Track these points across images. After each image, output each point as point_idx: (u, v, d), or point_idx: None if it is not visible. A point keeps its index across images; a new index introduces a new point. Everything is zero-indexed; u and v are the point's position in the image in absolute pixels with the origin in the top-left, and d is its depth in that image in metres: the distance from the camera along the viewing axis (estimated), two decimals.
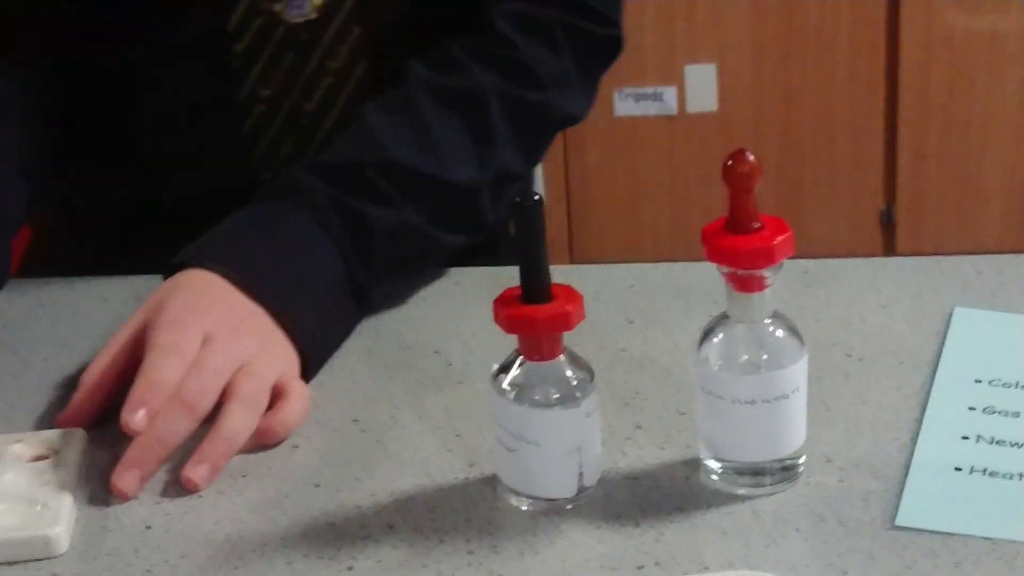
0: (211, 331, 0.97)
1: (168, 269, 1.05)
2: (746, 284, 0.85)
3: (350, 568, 0.84)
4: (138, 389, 0.93)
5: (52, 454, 0.93)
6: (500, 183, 1.16)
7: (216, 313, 0.99)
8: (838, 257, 1.15)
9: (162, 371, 0.94)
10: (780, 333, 0.87)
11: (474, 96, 1.16)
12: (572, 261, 3.22)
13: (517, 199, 0.83)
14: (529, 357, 0.86)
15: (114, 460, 0.93)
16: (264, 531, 0.88)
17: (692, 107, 3.12)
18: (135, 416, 0.92)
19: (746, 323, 0.86)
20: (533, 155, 1.21)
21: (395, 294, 1.13)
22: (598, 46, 1.24)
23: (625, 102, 3.12)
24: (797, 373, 0.86)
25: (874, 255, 3.17)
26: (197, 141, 1.25)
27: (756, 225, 0.85)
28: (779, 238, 0.84)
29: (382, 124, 1.12)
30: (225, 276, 1.02)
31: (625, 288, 1.13)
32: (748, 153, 0.84)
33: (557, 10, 1.20)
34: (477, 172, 1.15)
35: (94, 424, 0.98)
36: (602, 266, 1.17)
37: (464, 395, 1.01)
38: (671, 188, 3.17)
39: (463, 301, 1.14)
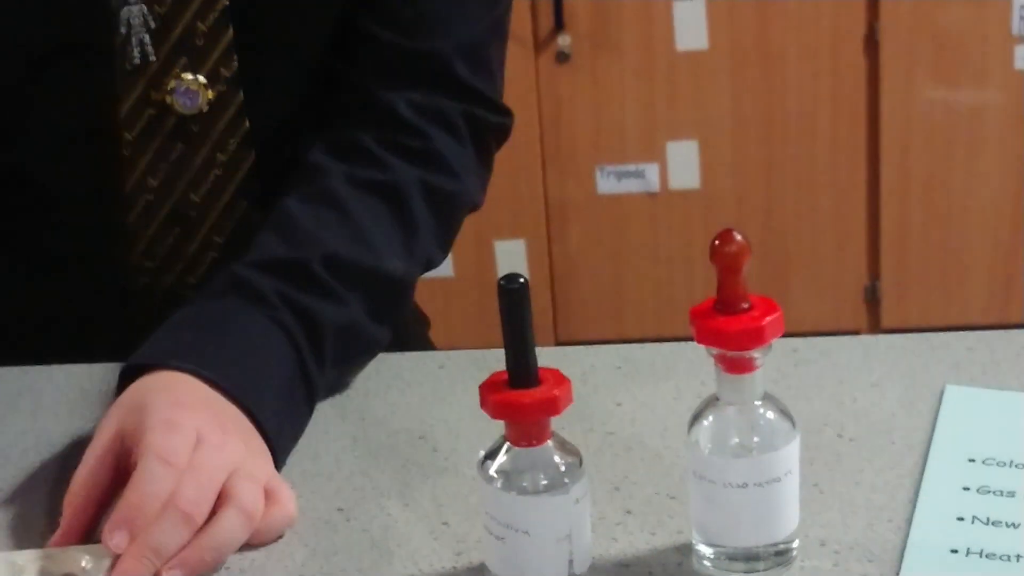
0: (203, 432, 0.94)
1: (124, 372, 1.02)
2: (736, 366, 0.84)
3: None
4: (128, 500, 0.90)
5: (81, 572, 0.89)
6: (423, 272, 1.19)
7: (205, 414, 0.97)
8: (823, 333, 1.15)
9: (154, 482, 0.90)
10: (771, 415, 0.86)
11: (397, 189, 1.16)
12: (556, 341, 3.22)
13: (502, 282, 0.82)
14: (516, 443, 0.85)
15: None
16: None
17: (675, 184, 3.12)
18: (114, 537, 0.88)
19: (737, 405, 0.85)
20: (449, 242, 1.24)
21: (379, 379, 1.13)
22: (494, 134, 1.26)
23: (607, 179, 3.13)
24: (789, 455, 0.85)
25: (859, 331, 3.17)
26: (79, 232, 1.24)
27: (745, 306, 0.84)
28: (768, 318, 0.83)
29: (313, 220, 1.12)
30: (196, 375, 1.00)
31: (612, 370, 1.12)
32: (736, 233, 0.83)
33: (456, 100, 1.21)
34: (408, 263, 1.16)
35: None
36: (589, 347, 1.16)
37: (451, 482, 0.99)
38: (654, 265, 3.18)
39: (448, 384, 1.13)
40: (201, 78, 1.17)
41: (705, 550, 0.88)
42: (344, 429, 1.07)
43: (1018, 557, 0.87)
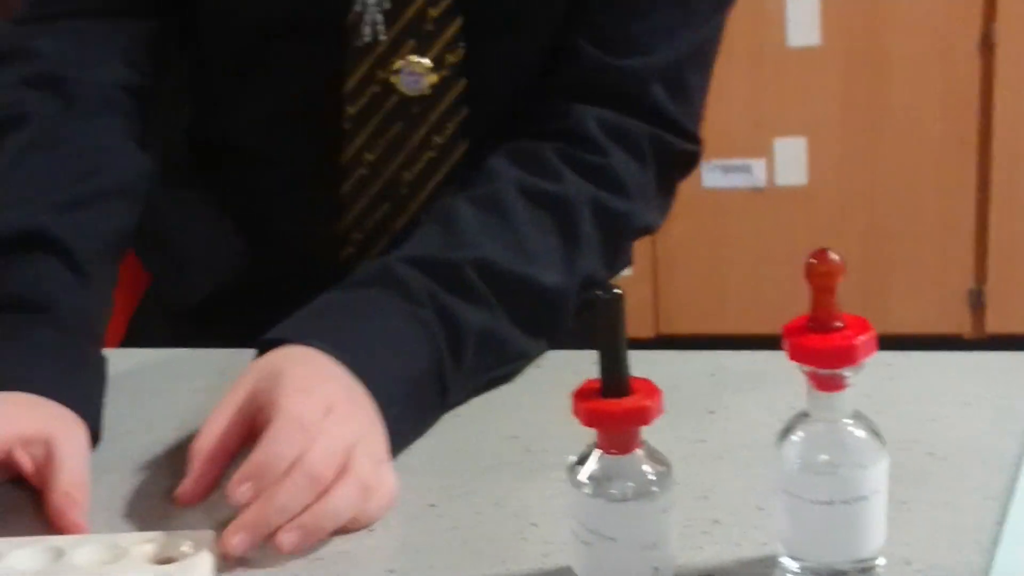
0: (334, 402, 0.97)
1: (262, 344, 1.05)
2: (827, 384, 0.85)
3: None
4: (257, 457, 0.93)
5: (181, 557, 0.91)
6: (584, 289, 1.17)
7: (335, 385, 1.00)
8: (925, 336, 1.14)
9: (285, 443, 0.93)
10: (860, 433, 0.86)
11: (567, 202, 1.17)
12: (656, 333, 3.22)
13: (598, 292, 0.83)
14: (606, 450, 0.86)
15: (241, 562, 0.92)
16: None
17: (781, 180, 3.11)
18: (240, 488, 0.91)
19: (826, 422, 0.86)
20: (615, 263, 1.24)
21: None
22: (679, 161, 1.26)
23: (713, 173, 3.13)
24: (877, 475, 0.86)
25: (962, 335, 3.14)
26: (294, 201, 1.28)
27: (838, 324, 0.84)
28: (861, 338, 0.83)
29: (476, 222, 1.14)
30: (329, 353, 1.02)
31: (706, 377, 1.13)
32: (831, 252, 0.84)
33: (646, 123, 1.22)
34: (566, 277, 1.16)
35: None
36: (683, 353, 1.16)
37: (541, 483, 1.00)
38: (757, 261, 3.17)
39: (541, 386, 1.14)
40: (427, 61, 1.21)
41: (790, 564, 0.88)
42: (438, 425, 1.09)
43: None
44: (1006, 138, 3.01)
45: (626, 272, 3.14)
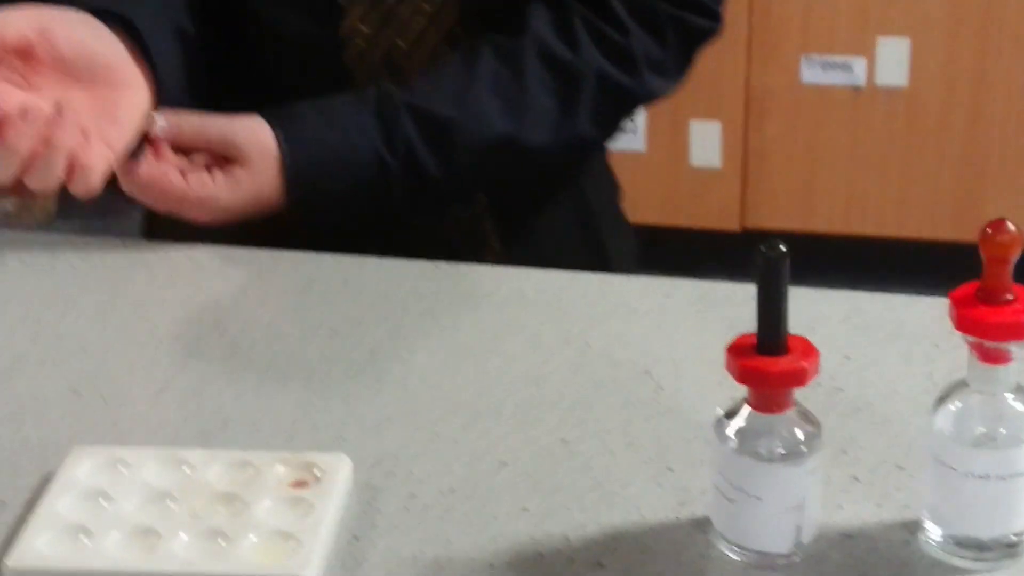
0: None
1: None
2: (992, 356, 0.83)
3: None
4: None
5: (314, 481, 0.91)
6: (572, 148, 1.29)
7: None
8: None
9: None
10: (1021, 407, 0.84)
11: (576, 70, 1.25)
12: (742, 227, 3.19)
13: (762, 248, 0.82)
14: (758, 408, 0.84)
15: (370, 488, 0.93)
16: (470, 556, 0.87)
17: (881, 80, 3.06)
18: None
19: (986, 394, 0.84)
20: (609, 129, 1.33)
21: (604, 303, 1.13)
22: (701, 38, 1.31)
23: (813, 69, 3.08)
24: None
25: None
26: (304, 70, 1.31)
27: (1009, 297, 0.82)
28: None
29: (490, 74, 1.24)
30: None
31: (842, 319, 1.11)
32: (1009, 223, 0.81)
33: (670, 3, 1.28)
34: (551, 136, 1.26)
35: None
36: (816, 291, 1.14)
37: (675, 424, 0.99)
38: (850, 160, 3.12)
39: (673, 317, 1.13)
40: None
41: (934, 531, 0.87)
42: (566, 356, 1.08)
43: None
44: None
45: (716, 164, 3.12)
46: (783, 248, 0.82)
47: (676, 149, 3.13)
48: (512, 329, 1.12)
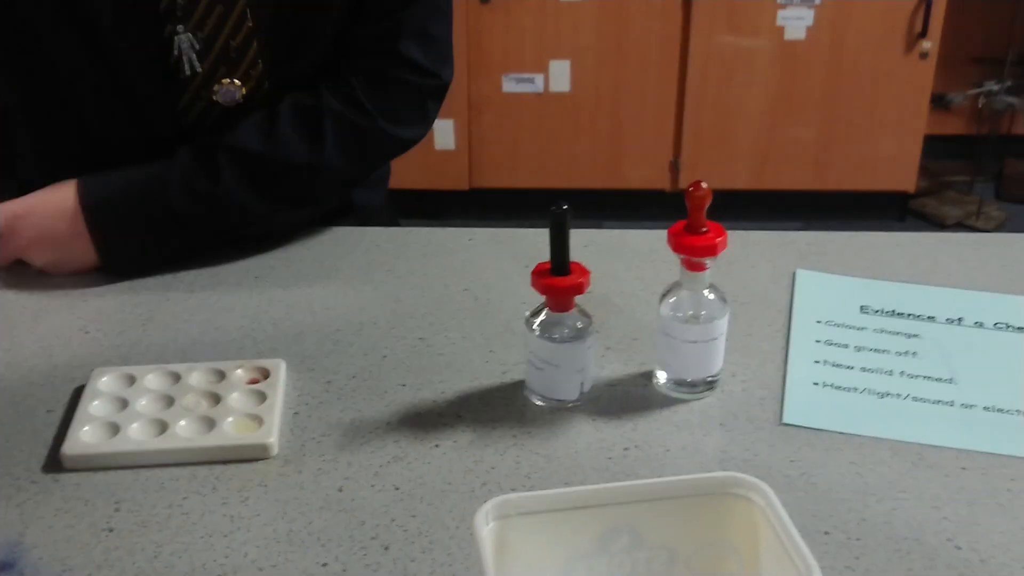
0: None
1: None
2: (695, 267, 0.86)
3: (436, 446, 0.84)
4: None
5: (263, 377, 0.89)
6: (329, 178, 1.13)
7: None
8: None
9: None
10: (712, 297, 0.88)
11: (319, 112, 1.11)
12: (470, 186, 3.20)
13: (554, 207, 0.83)
14: (553, 309, 0.86)
15: (300, 380, 0.90)
16: (373, 418, 0.87)
17: (554, 88, 3.09)
18: None
19: (692, 290, 0.87)
20: (360, 162, 1.16)
21: (427, 248, 1.13)
22: (429, 93, 1.19)
23: (510, 82, 3.08)
24: (723, 324, 0.88)
25: (664, 189, 3.20)
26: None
27: (704, 229, 0.85)
28: (719, 239, 0.85)
29: (253, 124, 1.11)
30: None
31: (581, 248, 1.11)
32: (703, 183, 0.84)
33: (398, 69, 1.15)
34: (309, 160, 1.11)
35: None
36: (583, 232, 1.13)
37: (492, 322, 1.00)
38: (537, 137, 3.15)
39: (478, 254, 1.12)
40: (236, 81, 1.12)
41: (662, 377, 0.91)
42: (413, 282, 1.07)
43: (853, 389, 0.90)
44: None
45: (452, 147, 3.09)
46: (566, 206, 0.83)
47: (427, 139, 3.10)
48: (374, 266, 1.10)
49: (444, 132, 3.14)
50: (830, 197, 3.22)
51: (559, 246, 0.84)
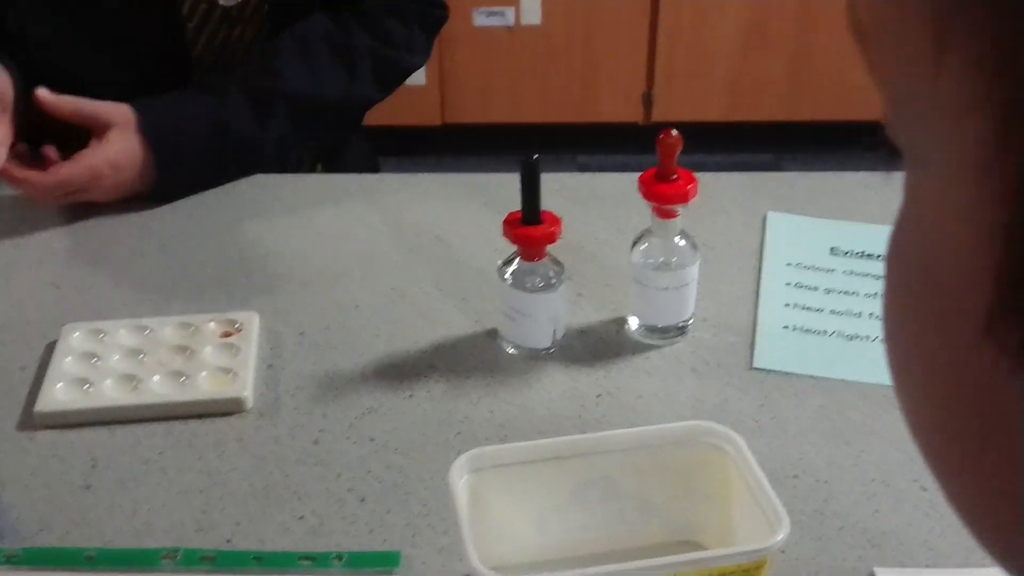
0: None
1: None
2: (666, 214, 0.87)
3: (411, 396, 0.85)
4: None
5: (237, 332, 0.89)
6: (361, 108, 1.23)
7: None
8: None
9: None
10: (683, 243, 0.88)
11: (353, 50, 1.19)
12: (443, 122, 3.18)
13: (523, 158, 0.83)
14: (525, 259, 0.87)
15: (273, 332, 0.90)
16: (346, 369, 0.88)
17: (525, 21, 3.06)
18: None
19: (663, 237, 0.88)
20: (386, 90, 1.24)
21: (404, 194, 1.12)
22: (433, 20, 1.28)
23: (480, 16, 3.04)
24: (694, 270, 0.89)
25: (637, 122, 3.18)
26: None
27: (675, 177, 0.85)
28: (690, 186, 0.85)
29: (286, 57, 1.15)
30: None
31: (552, 193, 1.11)
32: (674, 130, 0.84)
33: (415, 3, 1.24)
34: (345, 95, 1.18)
35: None
36: (553, 176, 1.13)
37: (465, 270, 1.00)
38: (510, 72, 3.13)
39: (450, 201, 1.11)
40: None
41: (634, 323, 0.91)
42: (384, 233, 1.06)
43: (824, 332, 0.92)
44: None
45: (423, 83, 3.06)
46: (536, 157, 0.83)
47: None
48: (346, 216, 1.09)
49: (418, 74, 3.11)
50: (803, 128, 3.22)
51: (530, 196, 0.84)
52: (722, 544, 0.67)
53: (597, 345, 0.90)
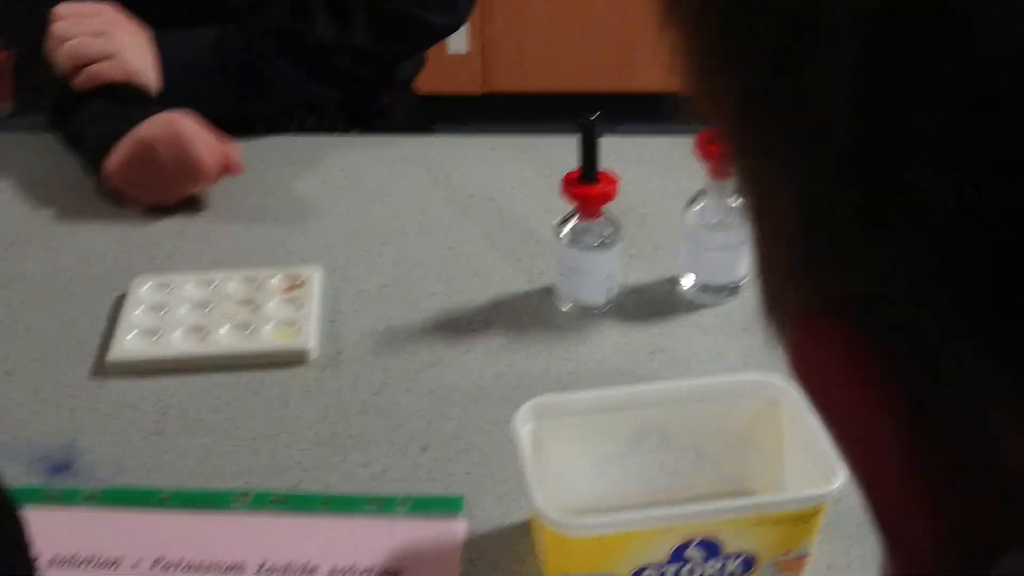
0: None
1: None
2: (720, 174, 0.88)
3: (469, 351, 0.87)
4: None
5: (300, 286, 0.92)
6: (358, 57, 1.16)
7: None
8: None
9: None
10: (737, 203, 0.89)
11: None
12: (484, 91, 3.19)
13: (581, 120, 0.84)
14: (583, 217, 0.88)
15: (334, 288, 0.93)
16: (404, 324, 0.90)
17: None
18: None
19: (718, 198, 0.89)
20: (388, 43, 1.18)
21: (456, 157, 1.14)
22: None
23: None
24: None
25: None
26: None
27: None
28: None
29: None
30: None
31: (619, 158, 1.11)
32: None
33: None
34: (336, 39, 1.14)
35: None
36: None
37: (518, 231, 1.02)
38: (551, 44, 3.13)
39: (500, 163, 1.13)
40: None
41: (688, 281, 0.93)
42: (438, 194, 1.08)
43: None
44: None
45: (461, 50, 3.06)
46: (595, 117, 0.85)
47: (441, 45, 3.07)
48: (399, 176, 1.11)
49: (456, 35, 3.11)
50: None
51: (589, 154, 0.86)
52: (773, 494, 0.69)
53: (650, 304, 0.92)
